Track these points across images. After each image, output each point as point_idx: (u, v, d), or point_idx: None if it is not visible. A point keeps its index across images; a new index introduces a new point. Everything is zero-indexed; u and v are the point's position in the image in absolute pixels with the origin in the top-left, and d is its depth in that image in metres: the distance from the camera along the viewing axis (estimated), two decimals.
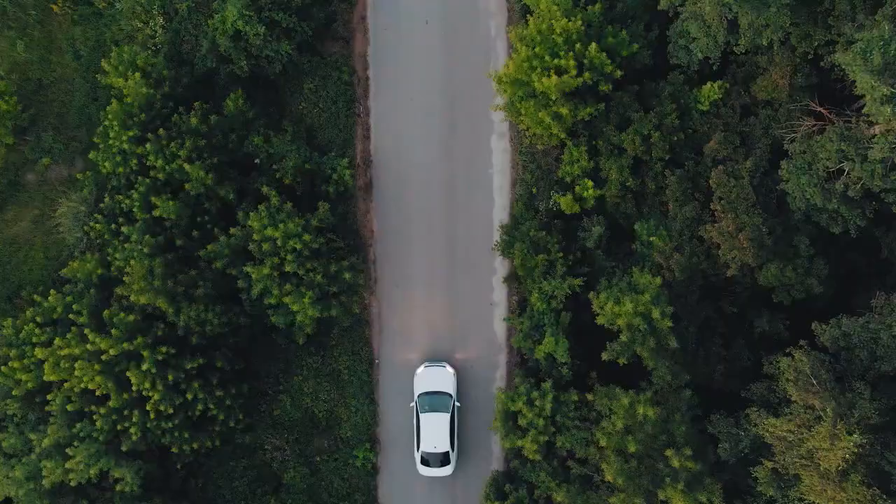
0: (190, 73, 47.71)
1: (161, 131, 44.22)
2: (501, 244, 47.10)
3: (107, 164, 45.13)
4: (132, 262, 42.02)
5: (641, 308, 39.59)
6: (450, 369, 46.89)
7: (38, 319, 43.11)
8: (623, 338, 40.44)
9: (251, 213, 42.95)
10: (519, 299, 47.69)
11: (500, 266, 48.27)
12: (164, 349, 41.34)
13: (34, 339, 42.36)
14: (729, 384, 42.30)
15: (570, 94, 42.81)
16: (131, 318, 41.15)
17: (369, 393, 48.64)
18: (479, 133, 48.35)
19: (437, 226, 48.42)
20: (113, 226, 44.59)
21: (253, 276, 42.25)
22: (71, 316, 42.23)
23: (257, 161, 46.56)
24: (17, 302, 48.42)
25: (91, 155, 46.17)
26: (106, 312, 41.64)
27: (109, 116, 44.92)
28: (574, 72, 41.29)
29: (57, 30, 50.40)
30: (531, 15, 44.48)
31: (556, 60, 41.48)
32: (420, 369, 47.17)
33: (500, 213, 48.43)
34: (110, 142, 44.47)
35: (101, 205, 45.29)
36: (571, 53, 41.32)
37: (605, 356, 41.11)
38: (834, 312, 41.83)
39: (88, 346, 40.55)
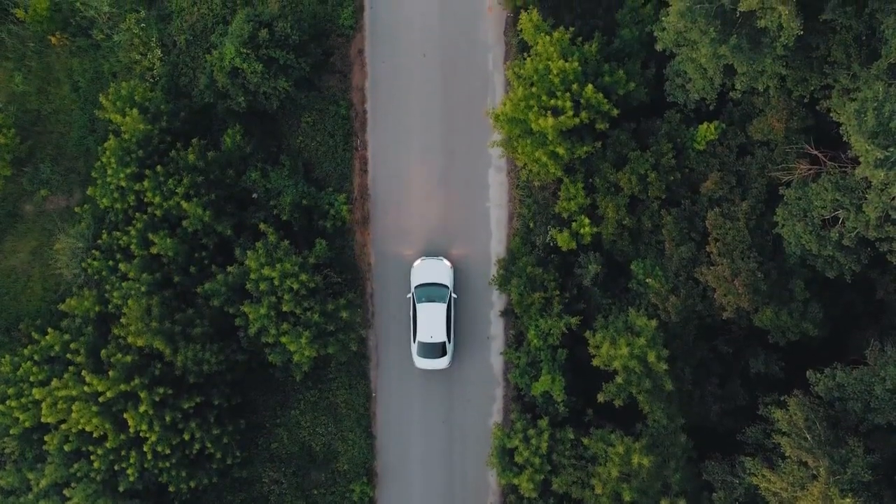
0: (188, 105, 47.81)
1: (159, 168, 44.31)
2: (498, 278, 47.19)
3: (104, 200, 45.23)
4: (130, 301, 42.14)
5: (637, 351, 39.71)
6: (446, 262, 47.00)
7: (36, 357, 43.24)
8: (619, 380, 40.59)
9: (248, 252, 43.07)
10: (516, 333, 47.79)
11: (498, 300, 48.36)
12: (161, 390, 41.47)
13: (32, 379, 42.49)
14: (724, 423, 42.44)
15: (566, 133, 42.87)
16: (128, 358, 41.30)
17: (366, 426, 48.77)
18: (476, 167, 48.40)
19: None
20: (111, 262, 44.68)
21: (250, 315, 42.37)
22: (69, 356, 42.33)
23: (255, 195, 46.68)
24: (15, 334, 48.51)
25: (89, 191, 46.27)
26: (103, 352, 41.79)
27: (107, 153, 45.02)
28: (571, 112, 41.34)
29: (55, 61, 50.41)
30: (528, 52, 44.59)
31: (552, 100, 41.53)
32: (417, 262, 47.22)
33: (497, 246, 48.51)
34: (108, 179, 44.55)
35: (99, 241, 45.36)
36: (568, 94, 41.36)
37: (601, 398, 41.28)
38: (830, 352, 42.03)
39: (86, 388, 40.69)
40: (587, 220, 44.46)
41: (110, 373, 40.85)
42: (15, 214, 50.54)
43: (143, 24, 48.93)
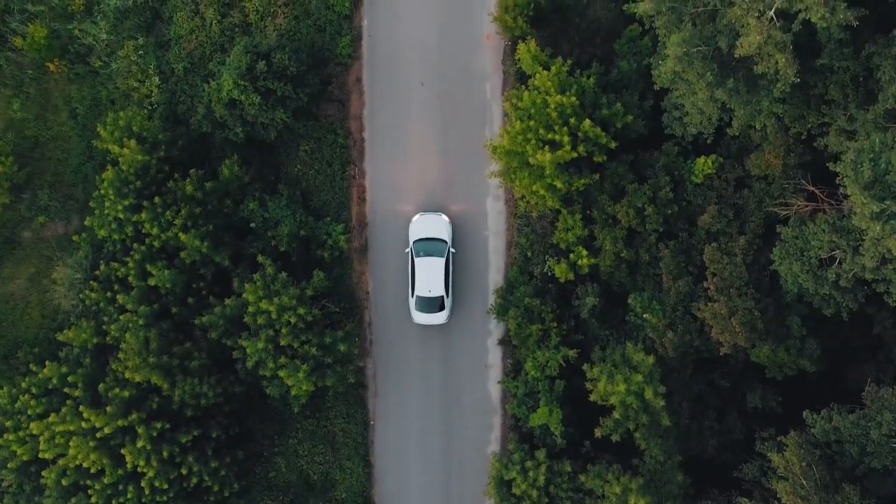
0: (185, 133, 47.82)
1: (157, 199, 44.30)
2: (496, 308, 47.23)
3: (102, 231, 45.24)
4: (127, 335, 42.18)
5: (634, 387, 39.77)
6: (445, 218, 47.01)
7: (34, 390, 43.27)
8: (616, 415, 40.66)
9: (246, 285, 43.08)
10: (514, 362, 47.84)
11: (496, 328, 48.40)
12: (159, 424, 41.52)
13: (29, 412, 42.53)
14: (722, 456, 42.51)
15: (564, 166, 42.90)
16: (126, 392, 41.35)
17: (364, 455, 48.85)
18: (474, 195, 48.39)
19: None
20: (108, 293, 44.69)
21: (248, 349, 42.43)
22: (66, 390, 42.38)
23: (253, 225, 46.69)
24: (13, 362, 48.51)
25: (87, 221, 46.23)
26: (101, 386, 41.85)
27: (105, 184, 45.00)
28: (569, 147, 41.36)
29: (53, 88, 50.35)
30: (527, 82, 44.60)
31: (550, 134, 41.55)
32: (416, 217, 47.19)
33: (494, 275, 48.54)
34: (106, 211, 44.54)
35: (97, 272, 45.35)
36: (566, 129, 41.38)
37: (598, 433, 41.37)
38: (828, 384, 42.06)
39: (83, 424, 40.72)
40: (585, 252, 44.51)
41: (108, 408, 40.89)
42: (13, 241, 50.52)
43: (141, 52, 48.91)
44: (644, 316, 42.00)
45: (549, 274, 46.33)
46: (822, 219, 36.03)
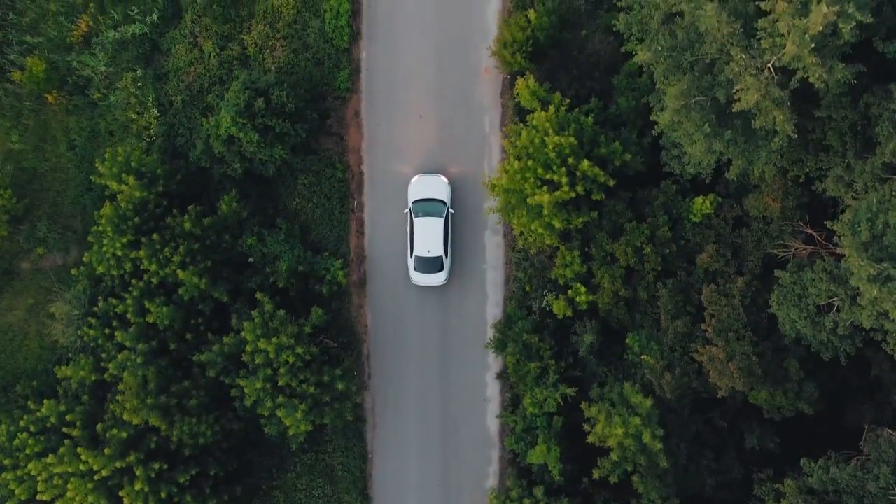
0: (184, 166, 47.81)
1: (155, 236, 44.28)
2: (494, 342, 47.20)
3: (101, 267, 45.23)
4: (125, 375, 42.19)
5: (633, 430, 39.77)
6: (444, 178, 46.98)
7: (32, 429, 43.29)
8: (614, 456, 40.67)
9: (245, 323, 43.06)
10: (512, 396, 47.83)
11: (494, 362, 48.40)
12: (157, 465, 41.53)
13: (28, 451, 42.56)
14: (720, 496, 42.51)
15: (562, 204, 42.84)
16: (124, 433, 41.38)
17: (363, 488, 48.88)
18: (472, 228, 48.37)
19: (430, 320, 48.52)
20: (107, 330, 44.69)
21: (246, 389, 42.45)
22: (64, 429, 42.40)
23: (251, 260, 46.68)
24: (12, 395, 48.47)
25: (85, 256, 46.20)
26: (99, 426, 41.84)
27: (103, 221, 44.98)
28: (567, 187, 41.33)
29: (52, 119, 50.33)
30: (525, 116, 44.56)
31: (548, 174, 41.50)
32: (414, 178, 47.14)
33: (493, 308, 48.51)
34: (104, 248, 44.53)
35: (95, 308, 45.34)
36: (563, 169, 41.34)
37: (595, 474, 41.42)
38: (826, 425, 42.04)
39: (81, 466, 40.73)
40: (583, 289, 44.47)
41: (106, 450, 40.89)
42: (11, 272, 50.53)
43: (139, 84, 48.89)
44: (642, 357, 41.97)
45: (548, 309, 46.29)
46: (820, 266, 35.99)
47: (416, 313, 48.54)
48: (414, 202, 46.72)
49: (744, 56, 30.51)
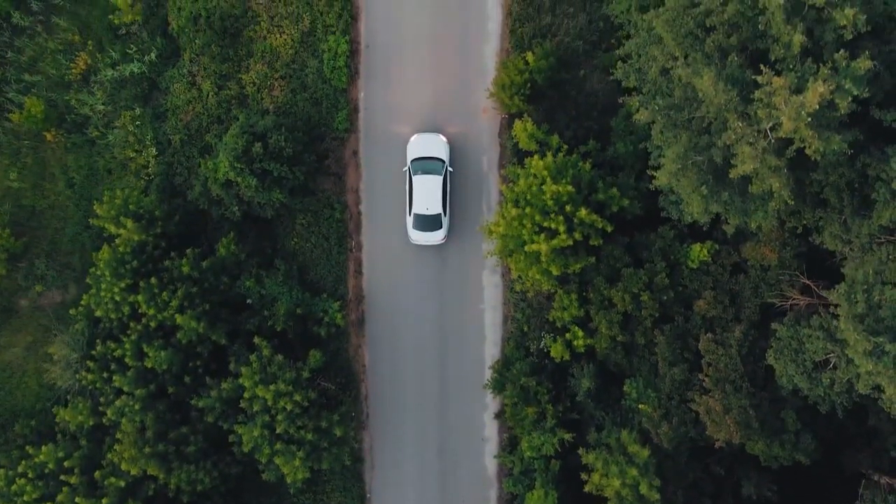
0: (182, 205, 47.83)
1: (153, 280, 44.30)
2: (493, 383, 47.24)
3: (99, 310, 45.25)
4: (124, 421, 42.21)
5: (630, 481, 39.81)
6: (442, 137, 46.89)
7: (30, 474, 43.34)
8: None
9: (243, 369, 43.11)
10: (509, 436, 47.88)
11: (492, 402, 48.43)
12: None
13: (26, 497, 42.62)
14: None
15: (560, 250, 42.82)
16: (122, 482, 41.43)
17: None
18: (470, 268, 48.40)
19: (428, 361, 48.57)
20: (105, 374, 44.73)
21: (244, 437, 42.49)
22: (63, 477, 42.45)
23: (249, 301, 46.72)
24: (10, 435, 48.50)
25: (83, 299, 46.22)
26: (98, 473, 41.88)
27: (101, 265, 44.99)
28: (564, 235, 41.33)
29: (50, 157, 50.36)
30: (523, 162, 44.58)
31: (546, 222, 41.49)
32: (414, 137, 47.01)
33: (491, 348, 48.55)
34: (102, 293, 44.55)
35: (93, 352, 45.37)
36: (561, 217, 41.33)
37: None
38: (824, 471, 42.03)
39: None
40: (580, 332, 44.51)
41: (104, 500, 40.93)
42: (9, 309, 50.57)
43: (138, 122, 48.92)
44: (639, 406, 42.01)
45: (546, 350, 46.34)
46: (817, 322, 35.97)
47: (414, 353, 48.58)
48: (413, 160, 46.57)
49: (740, 124, 30.49)
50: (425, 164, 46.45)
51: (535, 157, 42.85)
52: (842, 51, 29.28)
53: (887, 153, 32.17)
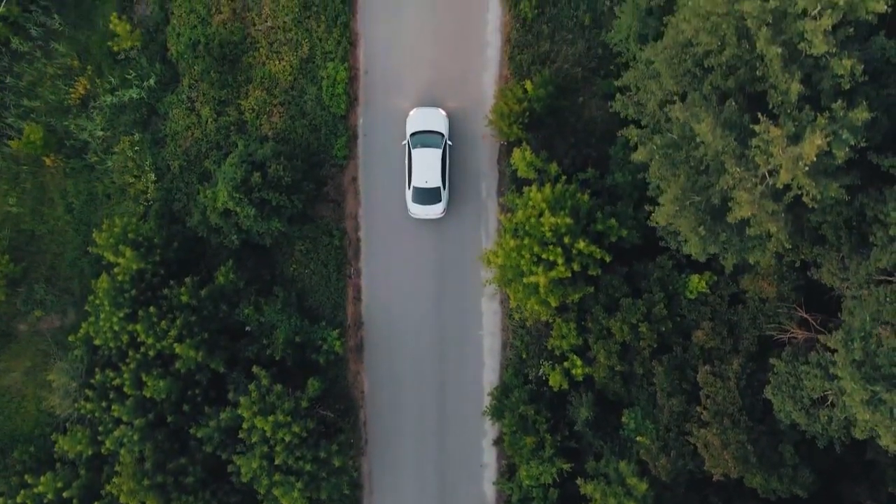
0: (181, 232, 47.84)
1: (152, 309, 44.32)
2: (491, 409, 47.28)
3: (98, 339, 45.29)
4: (122, 452, 42.27)
5: None
6: (442, 112, 46.79)
7: None
8: None
9: (241, 399, 43.17)
10: (508, 463, 47.93)
11: (491, 429, 48.47)
12: None
13: None
14: None
15: (558, 280, 42.85)
16: None
17: None
18: (469, 295, 48.42)
19: (427, 387, 48.64)
20: (104, 403, 44.78)
21: (242, 468, 42.53)
22: None
23: (248, 328, 46.77)
24: (9, 461, 48.56)
25: (82, 328, 46.23)
26: None
27: (100, 294, 45.01)
28: (562, 266, 41.35)
29: (49, 182, 50.36)
30: (521, 189, 44.61)
31: (545, 254, 41.50)
32: (413, 111, 46.89)
33: (490, 374, 48.60)
34: (101, 322, 44.59)
35: (92, 380, 45.41)
36: (559, 249, 41.35)
37: None
38: (823, 501, 42.05)
39: None
40: (579, 361, 44.55)
41: None
42: (9, 334, 50.62)
43: (137, 148, 48.92)
44: (637, 439, 42.04)
45: (545, 378, 46.38)
46: (815, 359, 35.98)
47: (413, 380, 48.63)
48: (412, 134, 46.47)
49: (738, 169, 30.50)
50: (424, 138, 46.31)
51: (534, 187, 42.84)
52: (840, 101, 29.27)
53: (885, 194, 32.15)
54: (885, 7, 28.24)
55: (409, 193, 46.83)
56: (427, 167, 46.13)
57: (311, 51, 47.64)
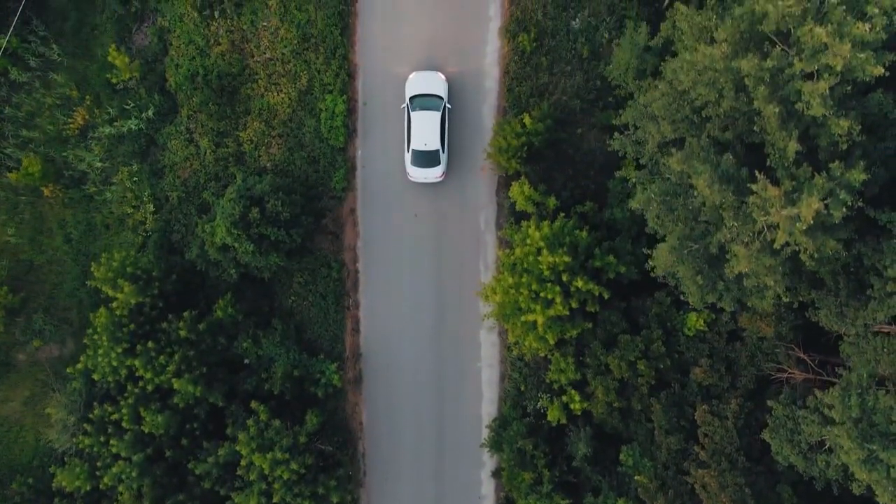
0: (179, 263, 47.84)
1: (150, 343, 44.36)
2: (490, 441, 47.30)
3: (96, 374, 45.31)
4: (121, 488, 42.31)
5: None
6: (441, 75, 46.69)
7: None
8: None
9: (240, 435, 43.19)
10: (506, 495, 47.96)
11: (489, 460, 48.51)
12: None
13: None
14: None
15: (556, 317, 42.84)
16: None
17: None
18: (467, 326, 48.42)
19: (425, 419, 48.65)
20: (102, 437, 44.81)
21: None
22: None
23: (247, 361, 46.79)
24: (8, 492, 48.65)
25: (81, 361, 46.23)
26: None
27: (99, 329, 45.02)
28: (560, 305, 41.34)
29: (48, 212, 50.41)
30: (519, 222, 44.62)
31: (542, 292, 41.48)
32: (412, 75, 46.76)
33: (488, 406, 48.62)
34: (100, 357, 44.61)
35: (91, 415, 45.44)
36: (557, 287, 41.34)
37: None
38: None
39: None
40: (577, 396, 44.53)
41: None
42: (7, 364, 50.68)
43: (135, 178, 48.95)
44: (636, 478, 42.07)
45: (543, 411, 46.38)
46: (813, 403, 35.99)
47: (412, 411, 48.66)
48: (411, 97, 46.34)
49: (735, 224, 30.49)
50: (424, 101, 46.17)
51: (532, 224, 42.81)
52: (837, 161, 29.22)
53: (882, 246, 32.12)
54: (883, 70, 28.21)
55: (407, 157, 46.58)
56: (426, 129, 45.88)
57: (309, 83, 47.62)
